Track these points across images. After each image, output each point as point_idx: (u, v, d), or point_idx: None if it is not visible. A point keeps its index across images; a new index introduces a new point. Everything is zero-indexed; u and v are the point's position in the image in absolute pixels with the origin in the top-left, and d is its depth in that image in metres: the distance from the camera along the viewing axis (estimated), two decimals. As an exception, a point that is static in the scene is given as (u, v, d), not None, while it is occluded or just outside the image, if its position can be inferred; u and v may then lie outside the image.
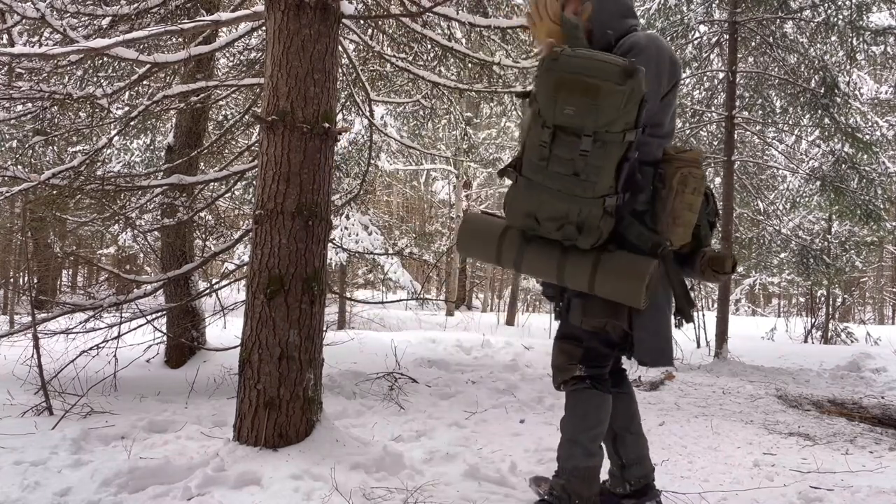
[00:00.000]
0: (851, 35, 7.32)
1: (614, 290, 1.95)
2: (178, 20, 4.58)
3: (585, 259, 1.96)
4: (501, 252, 2.08)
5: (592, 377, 2.18)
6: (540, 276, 2.11)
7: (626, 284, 1.93)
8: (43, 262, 11.71)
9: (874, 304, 28.02)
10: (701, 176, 2.02)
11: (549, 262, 2.01)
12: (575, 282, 2.00)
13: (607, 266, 1.95)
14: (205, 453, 2.69)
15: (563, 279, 2.01)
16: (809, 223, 10.74)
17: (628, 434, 2.27)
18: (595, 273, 1.95)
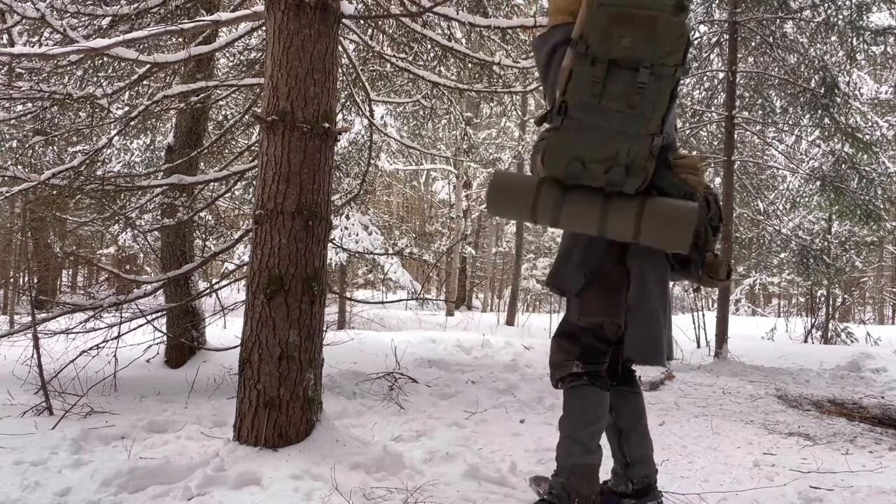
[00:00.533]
0: (851, 35, 7.32)
1: (661, 236, 1.93)
2: (178, 20, 4.58)
3: (629, 205, 1.92)
4: (537, 206, 1.99)
5: (590, 374, 2.19)
6: (580, 227, 2.02)
7: (675, 229, 1.90)
8: (43, 262, 11.71)
9: (874, 304, 28.02)
10: (697, 182, 2.03)
11: (591, 212, 1.94)
12: (619, 230, 1.95)
13: (653, 211, 1.91)
14: (205, 453, 2.68)
15: (604, 229, 1.95)
16: (809, 223, 10.74)
17: (634, 433, 2.27)
18: (641, 218, 1.91)
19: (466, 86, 5.19)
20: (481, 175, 19.48)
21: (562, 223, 2.02)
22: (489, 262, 25.44)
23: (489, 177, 2.08)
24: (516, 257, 16.21)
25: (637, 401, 2.30)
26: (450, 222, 20.57)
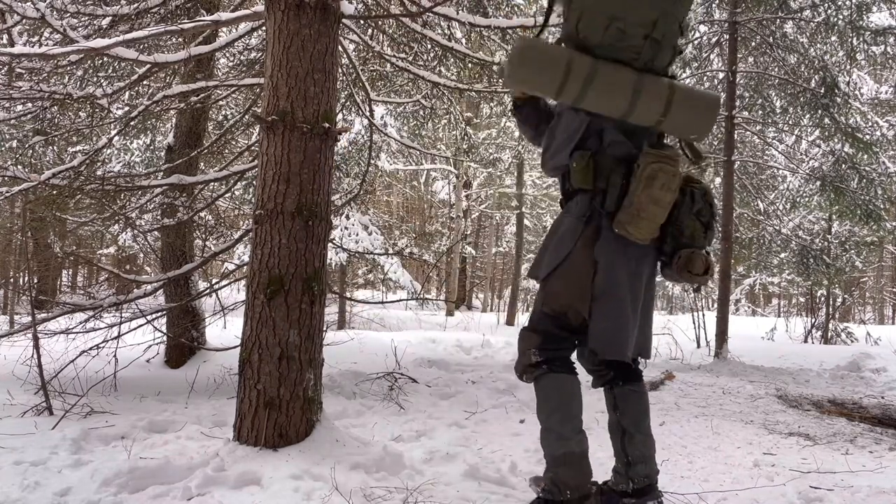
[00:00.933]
0: (851, 35, 7.32)
1: (687, 119, 1.93)
2: (178, 20, 4.58)
3: (661, 85, 1.91)
4: (569, 76, 1.91)
5: (548, 360, 2.18)
6: (608, 104, 1.96)
7: (701, 113, 1.92)
8: (43, 262, 11.71)
9: (874, 304, 28.02)
10: (673, 173, 1.99)
11: (624, 88, 1.91)
12: (648, 110, 1.92)
13: (683, 94, 1.92)
14: (205, 453, 2.68)
15: (634, 107, 1.92)
16: (809, 223, 10.74)
17: (638, 433, 2.23)
18: (672, 99, 1.90)
19: (466, 86, 5.19)
20: (481, 175, 19.48)
21: (588, 99, 1.95)
22: (489, 262, 25.44)
23: (516, 41, 1.91)
24: (516, 257, 16.22)
25: (641, 400, 2.28)
26: (450, 222, 20.57)
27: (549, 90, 1.98)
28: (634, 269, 2.10)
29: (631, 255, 2.09)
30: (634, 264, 2.10)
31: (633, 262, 2.10)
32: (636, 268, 2.11)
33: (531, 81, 2.02)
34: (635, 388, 2.28)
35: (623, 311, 2.10)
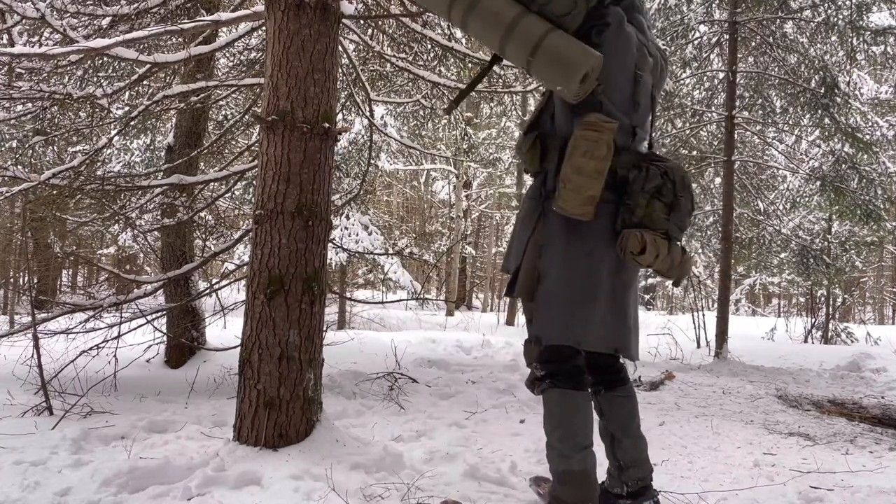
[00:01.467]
0: (851, 35, 7.32)
1: (551, 68, 1.82)
2: (178, 20, 4.58)
3: (537, 26, 1.83)
4: (453, 4, 1.91)
5: (550, 374, 2.10)
6: (485, 34, 1.92)
7: (562, 65, 1.80)
8: (43, 262, 11.71)
9: (874, 304, 28.02)
10: (595, 139, 1.88)
11: (500, 20, 1.85)
12: (517, 49, 1.85)
13: (553, 41, 1.82)
14: (205, 453, 2.68)
15: (504, 46, 1.86)
16: (809, 223, 10.74)
17: (626, 438, 2.19)
18: (541, 43, 1.81)
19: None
20: (481, 175, 19.49)
21: (470, 27, 1.93)
22: (489, 262, 25.45)
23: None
24: (516, 257, 16.16)
25: (626, 404, 2.21)
26: (450, 222, 20.57)
27: (439, 9, 1.99)
28: (591, 249, 1.98)
29: (584, 235, 1.99)
30: (591, 244, 1.98)
31: (588, 241, 1.98)
32: (593, 248, 1.98)
33: (427, 1, 2.05)
34: (619, 393, 2.21)
35: (565, 292, 1.99)
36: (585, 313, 2.00)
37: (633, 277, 2.09)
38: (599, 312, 2.01)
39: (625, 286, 2.05)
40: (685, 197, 1.95)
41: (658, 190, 1.92)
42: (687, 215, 1.98)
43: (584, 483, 2.05)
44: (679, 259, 2.00)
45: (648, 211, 1.91)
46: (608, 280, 2.01)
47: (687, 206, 1.98)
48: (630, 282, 2.08)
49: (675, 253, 1.96)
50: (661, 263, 1.92)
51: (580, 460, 2.05)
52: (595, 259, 1.99)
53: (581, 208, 1.92)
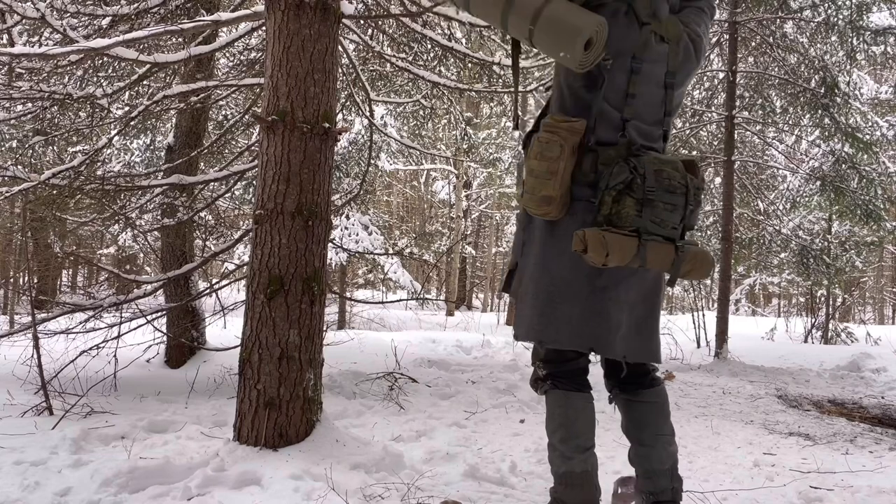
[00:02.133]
0: (851, 35, 7.31)
1: (552, 35, 1.79)
2: (178, 20, 4.58)
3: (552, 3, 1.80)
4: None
5: (553, 375, 2.08)
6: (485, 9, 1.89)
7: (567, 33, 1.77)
8: (43, 262, 11.71)
9: (874, 304, 28.02)
10: (546, 140, 1.86)
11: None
12: (518, 19, 1.82)
13: (556, 10, 1.79)
14: (205, 453, 2.69)
15: (506, 19, 1.84)
16: (809, 223, 10.74)
17: (639, 445, 2.12)
18: (542, 11, 1.79)
19: (466, 86, 5.20)
20: (481, 175, 19.49)
21: (472, 5, 1.90)
22: (489, 262, 25.45)
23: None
24: (516, 257, 16.17)
25: (640, 410, 2.12)
26: (450, 222, 20.57)
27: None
28: (564, 248, 1.93)
29: (560, 234, 1.95)
30: (565, 243, 1.92)
31: (562, 241, 1.94)
32: (566, 247, 1.91)
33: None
34: (632, 397, 2.13)
35: (535, 291, 1.98)
36: (552, 312, 1.96)
37: (625, 276, 1.98)
38: (570, 311, 1.96)
39: (608, 286, 1.97)
40: (658, 192, 1.85)
41: (628, 186, 1.85)
42: (670, 211, 1.86)
43: (586, 484, 2.03)
44: (662, 257, 1.89)
45: (617, 208, 1.84)
46: (583, 279, 1.96)
47: (669, 202, 1.87)
48: (614, 282, 1.97)
49: (651, 252, 1.86)
50: (619, 262, 1.82)
51: (581, 462, 2.03)
52: (566, 258, 1.94)
53: (540, 209, 1.91)
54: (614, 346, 1.99)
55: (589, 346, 2.00)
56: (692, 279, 2.05)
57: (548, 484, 2.52)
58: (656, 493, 2.07)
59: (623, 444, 3.25)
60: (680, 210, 1.89)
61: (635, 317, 2.02)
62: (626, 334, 2.01)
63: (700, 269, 1.98)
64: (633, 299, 2.01)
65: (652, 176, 1.85)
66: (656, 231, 1.87)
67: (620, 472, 2.74)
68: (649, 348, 2.05)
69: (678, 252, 1.91)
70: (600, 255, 1.80)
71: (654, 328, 2.06)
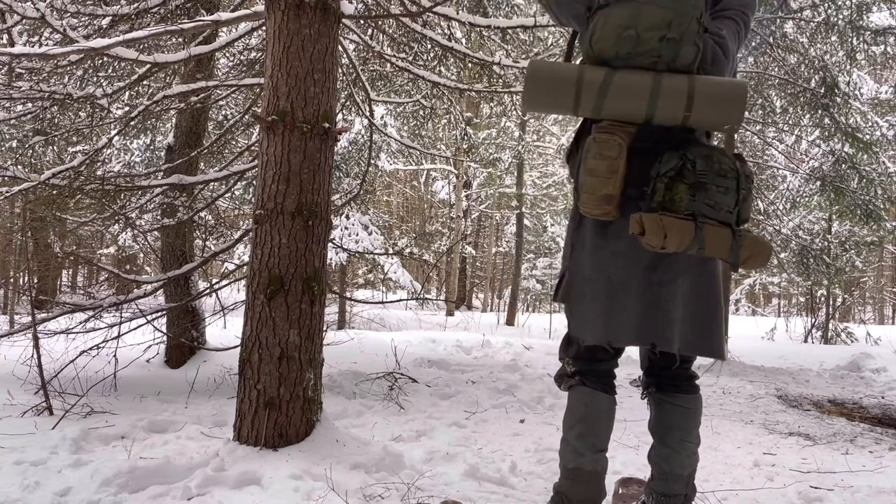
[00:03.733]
0: (851, 35, 7.31)
1: (715, 110, 1.84)
2: (178, 20, 4.58)
3: (679, 82, 1.84)
4: (581, 93, 1.86)
5: (581, 372, 2.10)
6: (626, 111, 1.90)
7: (729, 102, 1.83)
8: (43, 262, 11.72)
9: (874, 304, 28.02)
10: (604, 140, 1.88)
11: (641, 91, 1.85)
12: (669, 109, 1.85)
13: (705, 87, 1.84)
14: (205, 453, 2.69)
15: (653, 109, 1.86)
16: (809, 223, 10.73)
17: (662, 447, 2.12)
18: (693, 94, 1.83)
19: (466, 86, 5.19)
20: (481, 175, 19.48)
21: (606, 109, 1.89)
22: (489, 262, 25.45)
23: (527, 66, 1.85)
24: (516, 257, 16.21)
25: (673, 413, 2.13)
26: (450, 222, 20.57)
27: (565, 109, 1.94)
28: (618, 248, 1.97)
29: (612, 234, 1.98)
30: (619, 243, 1.96)
31: (615, 241, 1.97)
32: (621, 246, 1.96)
33: (546, 104, 1.97)
34: (667, 398, 2.14)
35: (592, 293, 2.00)
36: (612, 311, 1.98)
37: (680, 272, 1.98)
38: (628, 309, 1.97)
39: (663, 281, 1.97)
40: (710, 175, 1.86)
41: (679, 172, 1.87)
42: (723, 194, 1.87)
43: (593, 484, 2.04)
44: (720, 242, 1.88)
45: (670, 195, 1.87)
46: (640, 276, 1.97)
47: (721, 185, 1.88)
48: (671, 277, 1.97)
49: (709, 235, 1.86)
50: (678, 246, 1.84)
51: (593, 461, 2.03)
52: (622, 258, 1.96)
53: (600, 208, 1.91)
54: (673, 340, 1.98)
55: (650, 341, 1.99)
56: (751, 267, 2.01)
57: (548, 484, 2.53)
58: (668, 495, 2.07)
59: (624, 444, 3.26)
60: (733, 193, 1.88)
61: (691, 311, 2.00)
62: (683, 329, 1.99)
63: (759, 256, 1.95)
64: (690, 293, 1.99)
65: (702, 160, 1.86)
66: (711, 214, 1.87)
67: (620, 473, 2.74)
68: (706, 343, 2.02)
69: (735, 236, 1.90)
70: (658, 238, 1.82)
71: (714, 323, 2.03)
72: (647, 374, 2.20)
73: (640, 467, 2.76)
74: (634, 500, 2.39)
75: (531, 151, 15.54)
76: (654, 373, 2.16)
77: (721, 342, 2.05)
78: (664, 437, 2.11)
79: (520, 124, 15.26)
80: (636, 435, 3.37)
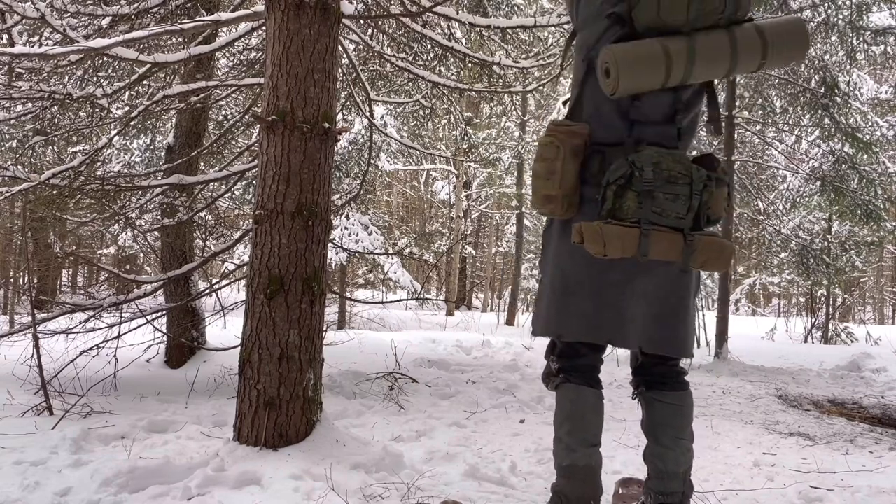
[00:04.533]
0: (851, 35, 7.31)
1: (786, 49, 1.92)
2: (178, 20, 4.58)
3: (749, 31, 1.90)
4: (671, 65, 1.87)
5: (564, 369, 2.11)
6: (713, 69, 1.93)
7: (796, 39, 1.93)
8: (43, 262, 11.72)
9: (874, 304, 28.03)
10: (545, 142, 1.94)
11: (723, 49, 1.89)
12: (748, 58, 1.91)
13: (772, 30, 1.91)
14: (205, 453, 2.69)
15: (735, 62, 1.91)
16: (809, 223, 10.74)
17: (656, 445, 2.11)
18: (765, 38, 1.90)
19: (466, 86, 5.20)
20: (481, 175, 19.49)
21: (695, 75, 1.92)
22: (489, 262, 25.45)
23: (606, 53, 1.82)
24: (516, 257, 16.22)
25: (664, 411, 2.10)
26: (450, 222, 20.57)
27: (656, 83, 1.93)
28: (573, 247, 1.97)
29: (570, 233, 1.97)
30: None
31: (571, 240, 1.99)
32: (575, 245, 1.96)
33: (640, 84, 1.93)
34: (657, 396, 2.12)
35: (551, 289, 2.05)
36: (567, 307, 2.02)
37: (638, 273, 1.98)
38: (584, 305, 2.00)
39: (620, 281, 1.99)
40: (658, 182, 1.87)
41: (628, 180, 1.88)
42: (672, 201, 1.87)
43: (588, 479, 2.04)
44: (669, 246, 1.89)
45: (619, 202, 1.89)
46: (596, 275, 1.99)
47: (670, 192, 1.87)
48: (629, 277, 1.98)
49: (654, 241, 1.88)
50: (621, 252, 1.86)
51: (586, 456, 2.03)
52: (578, 256, 1.98)
53: (544, 207, 1.99)
54: (629, 338, 2.01)
55: (605, 338, 2.02)
56: (711, 269, 2.03)
57: (548, 484, 2.53)
58: (666, 494, 2.07)
59: (623, 444, 3.26)
60: (684, 199, 1.89)
61: (656, 310, 2.01)
62: (644, 326, 2.01)
63: (717, 260, 1.96)
64: (652, 293, 2.00)
65: (650, 168, 1.87)
66: (658, 221, 1.89)
67: (620, 473, 2.74)
68: (671, 340, 2.03)
69: (686, 241, 1.91)
70: (598, 246, 1.87)
71: (680, 321, 2.04)
72: (635, 373, 2.20)
73: (640, 467, 2.75)
74: (634, 501, 2.39)
75: (531, 151, 15.51)
76: (643, 372, 2.17)
77: (686, 339, 2.06)
78: (658, 435, 2.10)
79: (520, 124, 15.26)
80: (636, 435, 3.36)
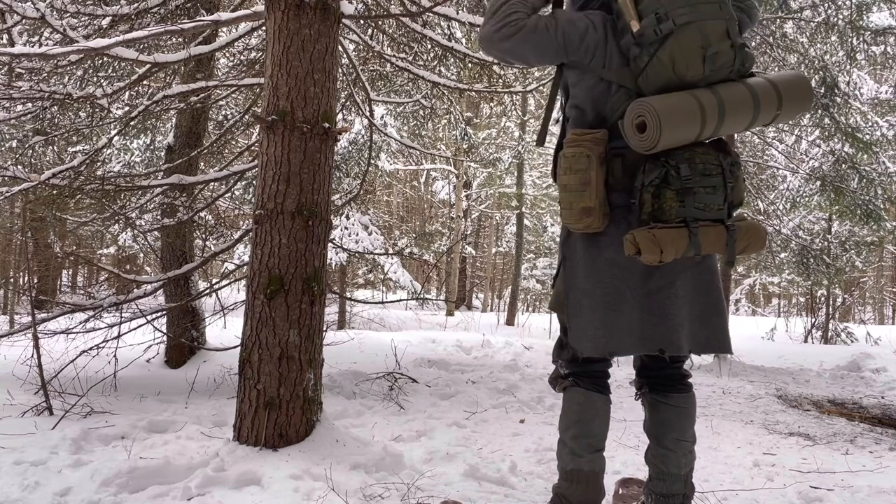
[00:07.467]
0: (851, 35, 7.31)
1: (797, 101, 1.94)
2: (178, 20, 4.58)
3: (762, 83, 1.92)
4: (705, 120, 1.84)
5: (575, 374, 2.09)
6: (740, 122, 1.92)
7: (803, 92, 1.96)
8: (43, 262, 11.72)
9: (874, 304, 28.03)
10: (570, 154, 1.91)
11: (745, 101, 1.89)
12: (767, 110, 1.92)
13: (782, 82, 1.93)
14: (205, 453, 2.69)
15: (758, 113, 1.91)
16: (809, 223, 10.73)
17: (659, 447, 2.11)
18: (778, 90, 1.91)
19: (466, 86, 5.19)
20: (481, 175, 19.49)
21: (724, 127, 1.90)
22: (489, 262, 25.45)
23: (641, 106, 1.79)
24: (516, 257, 16.22)
25: (667, 412, 2.10)
26: (450, 222, 20.57)
27: (690, 138, 1.89)
28: (611, 258, 1.96)
29: (603, 244, 1.96)
30: (611, 253, 1.96)
31: (607, 250, 1.96)
32: (613, 256, 1.95)
33: (677, 141, 1.89)
34: (661, 398, 2.12)
35: (590, 304, 1.98)
36: (613, 322, 1.97)
37: (677, 275, 1.97)
38: (627, 319, 1.96)
39: (661, 287, 1.96)
40: (696, 178, 1.85)
41: (664, 180, 1.86)
42: (711, 194, 1.86)
43: (591, 484, 2.04)
44: (716, 240, 1.89)
45: (659, 203, 1.85)
46: (636, 285, 1.96)
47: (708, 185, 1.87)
48: (668, 281, 1.96)
49: (704, 237, 1.86)
50: (675, 255, 1.83)
51: (591, 461, 2.04)
52: (616, 268, 1.95)
53: (581, 222, 1.92)
54: (682, 343, 1.97)
55: (659, 347, 1.97)
56: (751, 253, 2.03)
57: (548, 484, 2.53)
58: (667, 495, 2.08)
59: (623, 444, 3.26)
60: (721, 190, 1.89)
61: (698, 310, 1.99)
62: (691, 329, 1.99)
63: (756, 242, 1.96)
64: (691, 294, 1.99)
65: (685, 164, 1.86)
66: (703, 217, 1.87)
67: (620, 473, 2.74)
68: (718, 339, 2.01)
69: (729, 231, 1.90)
70: (655, 253, 1.81)
71: (721, 318, 2.03)
72: (639, 374, 2.19)
73: (640, 467, 2.76)
74: (634, 501, 2.39)
75: (531, 151, 15.53)
76: (647, 373, 2.16)
77: (727, 336, 2.05)
78: (660, 437, 2.11)
79: (520, 124, 15.27)
80: (636, 435, 3.37)
